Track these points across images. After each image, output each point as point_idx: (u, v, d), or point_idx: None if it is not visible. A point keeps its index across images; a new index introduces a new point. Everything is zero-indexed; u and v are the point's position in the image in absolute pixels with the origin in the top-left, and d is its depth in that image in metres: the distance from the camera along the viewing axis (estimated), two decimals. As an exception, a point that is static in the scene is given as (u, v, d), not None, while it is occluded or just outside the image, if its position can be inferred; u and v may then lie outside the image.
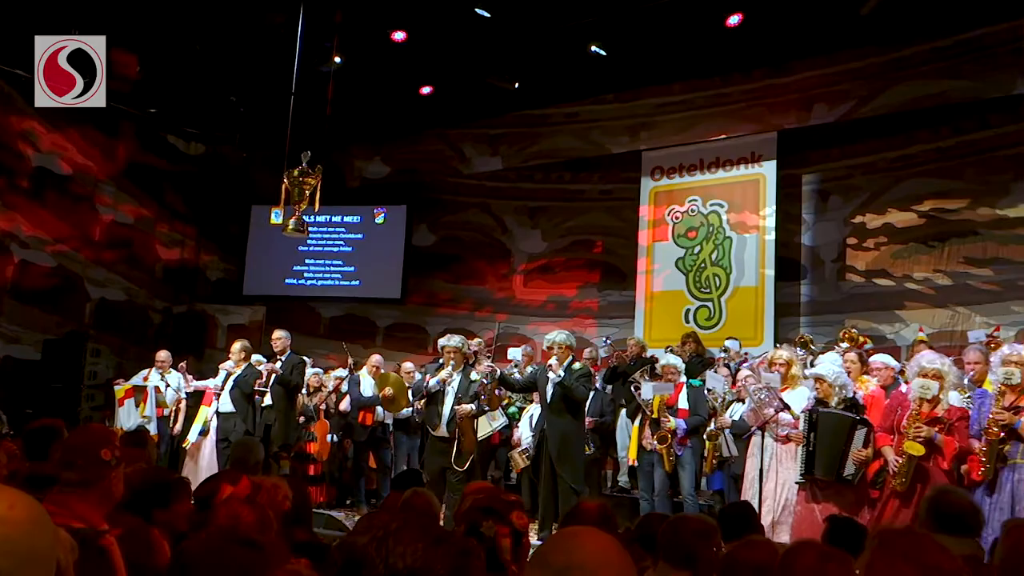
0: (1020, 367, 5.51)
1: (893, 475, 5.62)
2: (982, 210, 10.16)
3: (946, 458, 5.63)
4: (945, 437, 5.59)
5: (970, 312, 9.97)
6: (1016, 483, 5.40)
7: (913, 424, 5.60)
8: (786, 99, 11.10)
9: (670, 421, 7.68)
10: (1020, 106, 9.78)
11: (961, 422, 5.68)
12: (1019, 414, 5.40)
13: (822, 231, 11.48)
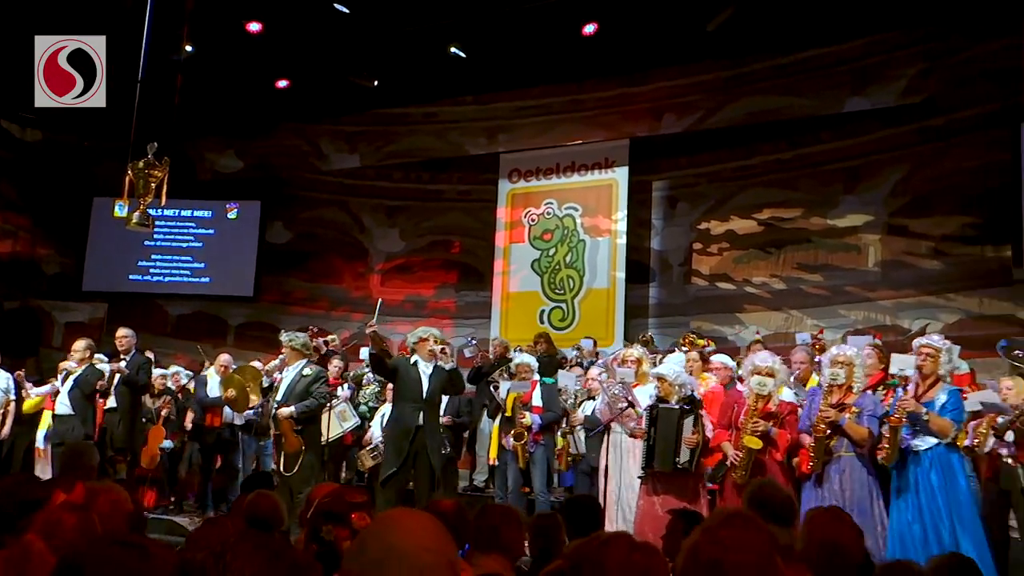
0: (845, 367, 5.92)
1: (733, 468, 5.92)
2: (814, 219, 10.83)
3: (780, 450, 5.98)
4: (779, 430, 5.94)
5: (802, 315, 10.60)
6: (841, 474, 5.79)
7: (750, 419, 5.93)
8: (638, 108, 11.52)
9: (525, 417, 7.82)
10: (849, 123, 10.49)
11: (792, 416, 6.04)
12: (844, 411, 5.79)
13: (670, 236, 11.95)
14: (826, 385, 5.91)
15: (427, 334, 7.29)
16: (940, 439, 5.63)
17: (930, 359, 5.78)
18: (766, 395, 5.99)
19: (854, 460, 5.77)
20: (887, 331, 9.57)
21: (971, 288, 9.57)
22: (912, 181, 10.11)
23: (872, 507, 5.73)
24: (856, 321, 10.16)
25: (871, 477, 5.76)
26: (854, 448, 5.79)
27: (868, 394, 6.02)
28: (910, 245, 10.09)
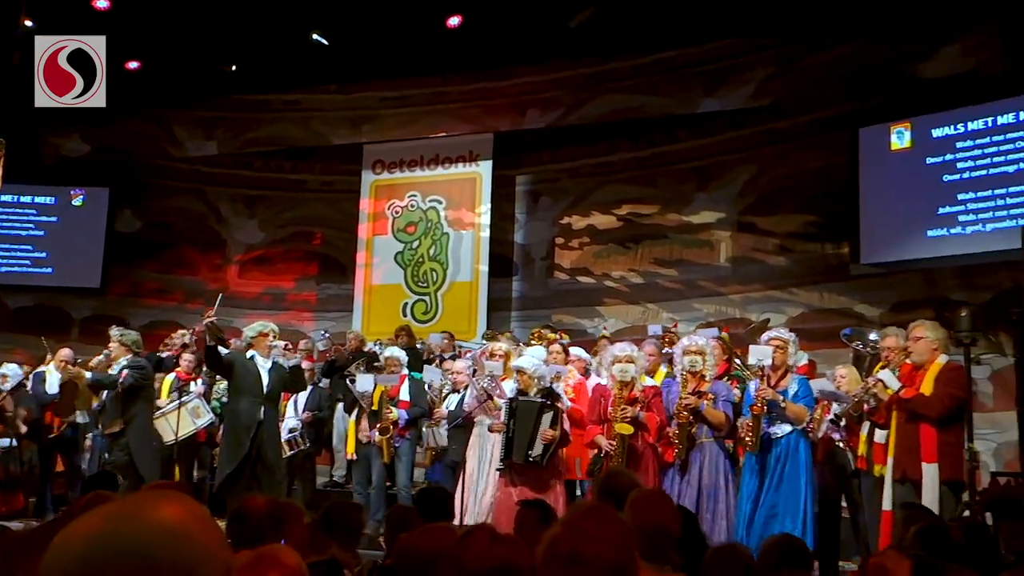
0: (700, 355, 6.16)
1: (609, 458, 6.06)
2: (670, 216, 11.18)
3: (652, 432, 6.16)
4: (647, 414, 6.12)
5: (658, 308, 10.94)
6: (703, 460, 6.03)
7: (619, 407, 6.09)
8: (502, 103, 11.60)
9: (392, 412, 7.78)
10: (703, 124, 10.88)
11: (657, 399, 6.25)
12: (702, 398, 6.03)
13: (533, 230, 12.09)
14: (684, 373, 6.15)
15: (266, 329, 7.15)
16: (795, 425, 5.95)
17: (780, 351, 6.10)
18: (629, 381, 6.17)
19: (713, 445, 6.07)
20: (736, 324, 9.99)
21: (813, 283, 10.10)
22: (760, 181, 10.58)
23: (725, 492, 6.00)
24: (708, 314, 10.56)
25: (726, 462, 6.06)
26: (712, 433, 6.06)
27: (720, 381, 6.31)
28: (758, 242, 10.56)
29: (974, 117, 8.72)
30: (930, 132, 9.00)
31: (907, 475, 5.39)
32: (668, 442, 6.10)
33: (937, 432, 5.30)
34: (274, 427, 7.11)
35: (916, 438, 5.34)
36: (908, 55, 9.45)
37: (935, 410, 5.33)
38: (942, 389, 5.37)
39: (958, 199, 8.74)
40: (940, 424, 5.32)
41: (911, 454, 5.36)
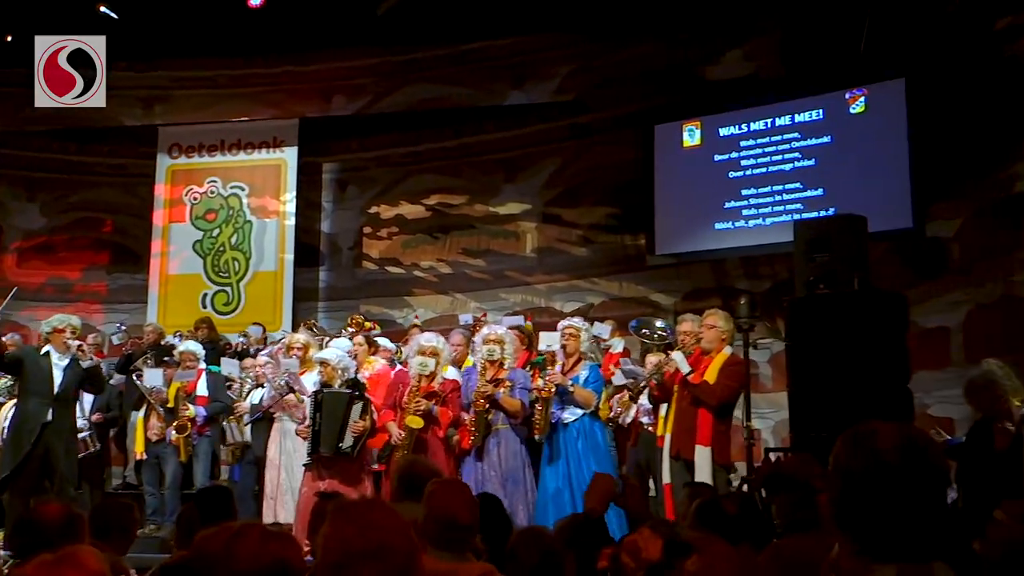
0: (499, 344, 6.29)
1: (397, 448, 6.06)
2: (478, 206, 11.31)
3: (442, 427, 6.22)
4: (441, 408, 6.17)
5: (466, 298, 11.05)
6: (498, 447, 6.16)
7: (413, 399, 6.10)
8: (307, 87, 11.32)
9: (188, 409, 7.45)
10: (510, 116, 11.07)
11: (454, 393, 6.33)
12: (499, 386, 6.16)
13: (340, 219, 11.89)
14: (483, 362, 6.26)
15: (63, 323, 6.69)
16: (584, 410, 6.19)
17: (572, 338, 6.35)
18: (428, 375, 6.20)
19: (509, 432, 6.20)
20: (542, 313, 10.27)
21: (613, 273, 10.52)
22: (564, 174, 10.89)
23: (524, 477, 6.17)
24: (515, 304, 10.77)
25: (523, 448, 6.22)
26: (509, 421, 6.20)
27: (518, 369, 6.46)
28: (562, 233, 10.88)
29: (755, 118, 9.35)
30: (717, 131, 9.57)
31: (681, 454, 5.75)
32: (465, 429, 6.20)
33: (713, 418, 5.68)
34: (65, 429, 6.66)
35: (694, 421, 5.71)
36: (698, 57, 10.00)
37: (715, 398, 5.72)
38: (723, 380, 5.76)
39: (742, 194, 9.35)
40: (717, 412, 5.71)
41: (687, 435, 5.72)
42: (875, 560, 1.46)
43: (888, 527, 1.44)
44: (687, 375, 5.84)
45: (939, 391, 7.54)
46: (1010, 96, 7.59)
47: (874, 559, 1.46)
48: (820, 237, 5.28)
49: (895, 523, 1.44)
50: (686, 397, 5.83)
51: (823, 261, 5.18)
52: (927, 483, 1.48)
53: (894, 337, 4.86)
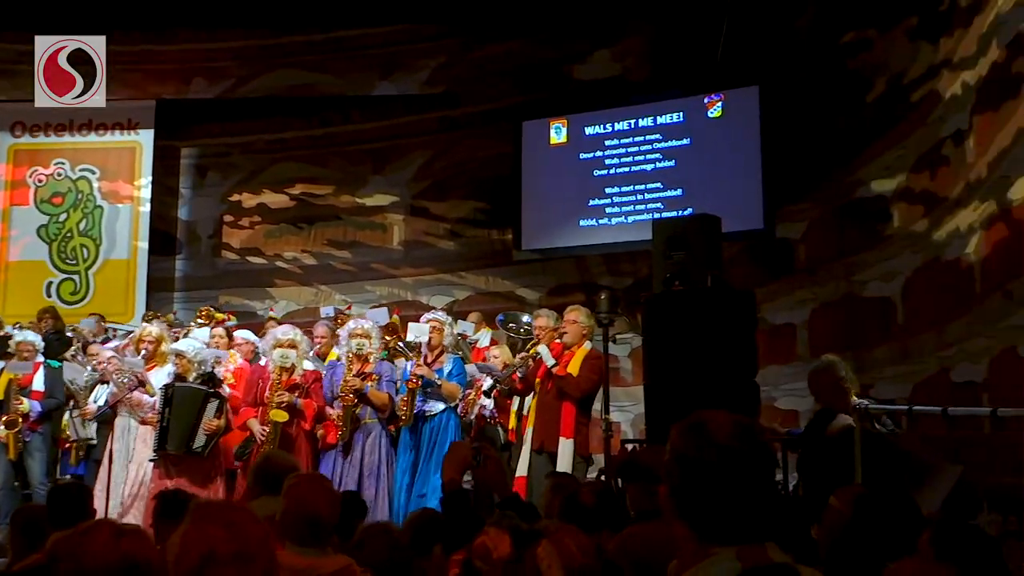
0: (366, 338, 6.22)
1: (262, 444, 5.90)
2: (344, 197, 11.14)
3: (307, 420, 6.10)
4: (304, 400, 6.06)
5: (331, 290, 10.88)
6: (366, 441, 6.10)
7: (275, 393, 5.96)
8: (165, 68, 10.84)
9: (22, 403, 7.01)
10: (379, 106, 10.95)
11: (317, 384, 6.22)
12: (366, 380, 6.09)
13: (199, 206, 11.48)
14: (350, 356, 6.18)
15: None
16: (449, 403, 6.20)
17: (437, 332, 6.34)
18: (289, 367, 6.08)
19: (376, 426, 6.16)
20: (408, 306, 10.20)
21: (480, 267, 10.58)
22: (433, 167, 10.86)
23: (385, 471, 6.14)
24: (381, 296, 10.68)
25: (388, 442, 6.18)
26: (376, 415, 6.15)
27: (384, 363, 6.42)
28: (430, 226, 10.85)
29: (620, 118, 9.58)
30: (583, 129, 9.76)
31: (545, 446, 5.85)
32: (332, 424, 6.11)
33: (576, 411, 5.81)
34: None
35: (558, 413, 5.82)
36: (567, 56, 10.16)
37: (579, 390, 5.85)
38: (585, 373, 5.89)
39: (606, 193, 9.57)
40: (580, 404, 5.84)
41: (551, 427, 5.83)
42: (713, 543, 1.52)
43: (724, 511, 1.50)
44: (552, 367, 5.94)
45: (786, 384, 7.96)
46: (853, 107, 8.06)
47: (712, 542, 1.52)
48: (677, 236, 5.42)
49: (730, 506, 1.50)
50: (550, 391, 5.93)
51: (679, 259, 5.33)
52: (758, 467, 1.55)
53: (743, 333, 5.05)
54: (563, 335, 6.14)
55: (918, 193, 7.10)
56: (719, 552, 1.50)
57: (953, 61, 6.63)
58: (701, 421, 1.58)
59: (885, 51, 7.70)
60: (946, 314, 6.47)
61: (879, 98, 7.77)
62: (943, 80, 6.77)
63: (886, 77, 7.67)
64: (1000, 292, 5.68)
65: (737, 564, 1.47)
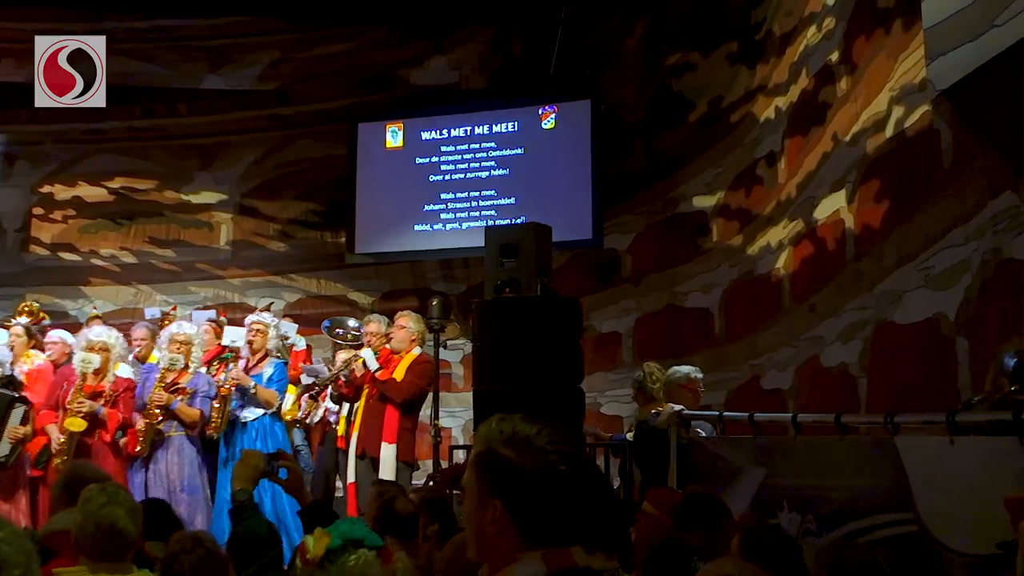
0: (184, 347, 5.96)
1: (56, 453, 5.55)
2: (168, 193, 10.63)
3: (109, 431, 5.77)
4: (109, 410, 5.74)
5: (152, 290, 10.35)
6: (168, 455, 5.83)
7: (76, 399, 5.61)
8: (-33, 48, 10.01)
9: None
10: (207, 100, 10.52)
11: (127, 393, 5.90)
12: (178, 393, 5.83)
13: (6, 197, 10.64)
14: (163, 367, 5.91)
15: None
16: (267, 409, 6.03)
17: (260, 334, 6.17)
18: (94, 372, 5.75)
19: (183, 439, 5.90)
20: (235, 308, 9.85)
21: (312, 270, 10.35)
22: (264, 165, 10.54)
23: (201, 483, 5.90)
24: (207, 298, 10.25)
25: (198, 454, 5.93)
26: (183, 428, 5.89)
27: (202, 374, 6.17)
28: (259, 226, 10.52)
29: (456, 125, 9.63)
30: (420, 134, 9.74)
31: (367, 451, 5.81)
32: (134, 433, 5.82)
33: (399, 416, 5.80)
34: None
35: (381, 419, 5.80)
36: (403, 60, 10.13)
37: (402, 395, 5.84)
38: (410, 377, 5.89)
39: (441, 198, 9.58)
40: (403, 409, 5.83)
41: (373, 433, 5.80)
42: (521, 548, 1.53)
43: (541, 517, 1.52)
44: (375, 372, 5.90)
45: (611, 391, 8.24)
46: (678, 125, 8.46)
47: (521, 547, 1.53)
48: (509, 243, 5.51)
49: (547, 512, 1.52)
50: (375, 395, 5.89)
51: (511, 266, 5.42)
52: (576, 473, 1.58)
53: (569, 340, 5.19)
54: (390, 340, 6.11)
55: (735, 210, 7.54)
56: (525, 556, 1.52)
57: (768, 87, 7.09)
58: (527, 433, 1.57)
59: (707, 74, 8.12)
60: (757, 325, 6.89)
61: (701, 118, 8.19)
62: (758, 104, 7.22)
63: (708, 98, 8.10)
64: (806, 305, 6.10)
65: (543, 567, 1.49)
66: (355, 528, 2.13)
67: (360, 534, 2.09)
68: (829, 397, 5.50)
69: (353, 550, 2.04)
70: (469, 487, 1.60)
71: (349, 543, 2.05)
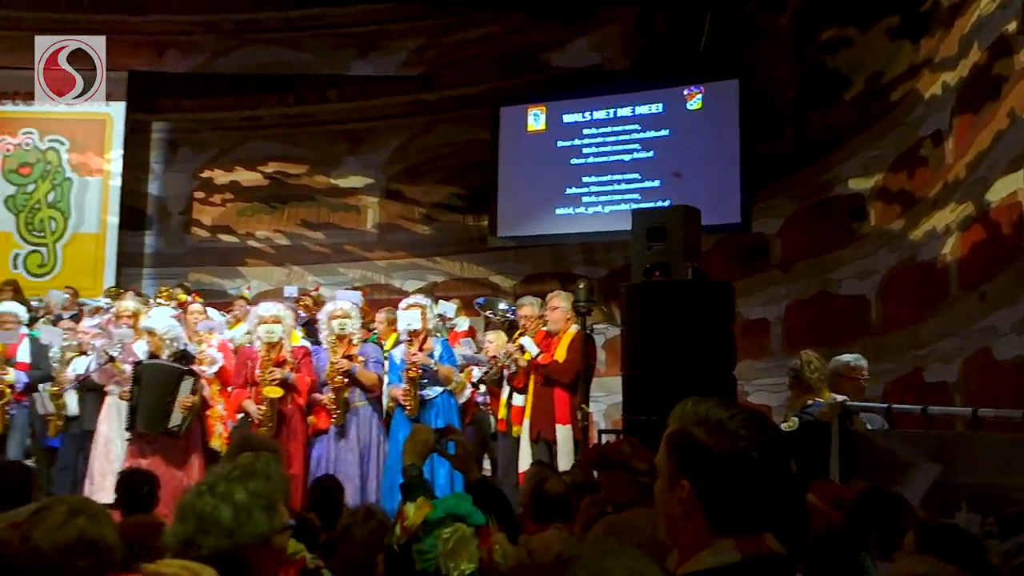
0: (347, 319, 6.13)
1: (259, 423, 5.80)
2: (318, 178, 11.01)
3: (302, 393, 6.01)
4: (297, 375, 5.97)
5: (303, 271, 10.76)
6: (357, 424, 6.03)
7: (267, 370, 5.86)
8: (137, 40, 10.60)
9: (8, 374, 6.88)
10: (354, 86, 10.81)
11: (306, 359, 6.13)
12: (354, 360, 6.02)
13: (170, 182, 11.28)
14: (331, 338, 6.09)
15: None
16: (445, 386, 6.13)
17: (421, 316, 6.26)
18: (276, 343, 5.98)
19: (367, 408, 6.10)
20: (381, 290, 10.13)
21: (454, 253, 10.52)
22: (408, 150, 10.77)
23: (378, 453, 6.08)
24: (354, 279, 10.58)
25: (379, 424, 6.12)
26: (366, 396, 6.08)
27: (368, 344, 6.36)
28: (404, 210, 10.77)
29: (599, 107, 9.55)
30: (562, 117, 9.71)
31: (541, 435, 5.84)
32: (323, 409, 6.04)
33: (569, 396, 5.80)
34: None
35: (551, 401, 5.81)
36: (546, 42, 10.10)
37: (568, 375, 5.85)
38: (574, 355, 5.88)
39: (583, 181, 9.53)
40: (571, 389, 5.83)
41: (546, 416, 5.82)
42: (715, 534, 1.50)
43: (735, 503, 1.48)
44: (536, 357, 5.93)
45: (758, 379, 8.00)
46: (832, 104, 8.09)
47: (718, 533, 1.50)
48: (657, 226, 5.41)
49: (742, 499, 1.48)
50: (540, 379, 5.93)
51: (659, 250, 5.32)
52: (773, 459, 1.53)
53: (721, 325, 5.06)
54: (546, 322, 6.12)
55: (895, 192, 7.15)
56: (717, 542, 1.49)
57: (934, 61, 6.67)
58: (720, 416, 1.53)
59: (865, 49, 7.72)
60: (921, 314, 6.53)
61: (858, 96, 7.80)
62: (923, 80, 6.81)
63: (865, 75, 7.70)
64: (976, 294, 5.73)
65: (736, 554, 1.45)
66: (461, 504, 2.12)
67: (464, 510, 2.08)
68: (1003, 392, 5.15)
69: (451, 523, 2.03)
70: (660, 466, 1.58)
71: (449, 516, 2.04)
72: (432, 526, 2.02)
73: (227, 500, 1.81)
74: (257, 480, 1.89)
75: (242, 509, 1.81)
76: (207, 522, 1.77)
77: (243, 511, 1.81)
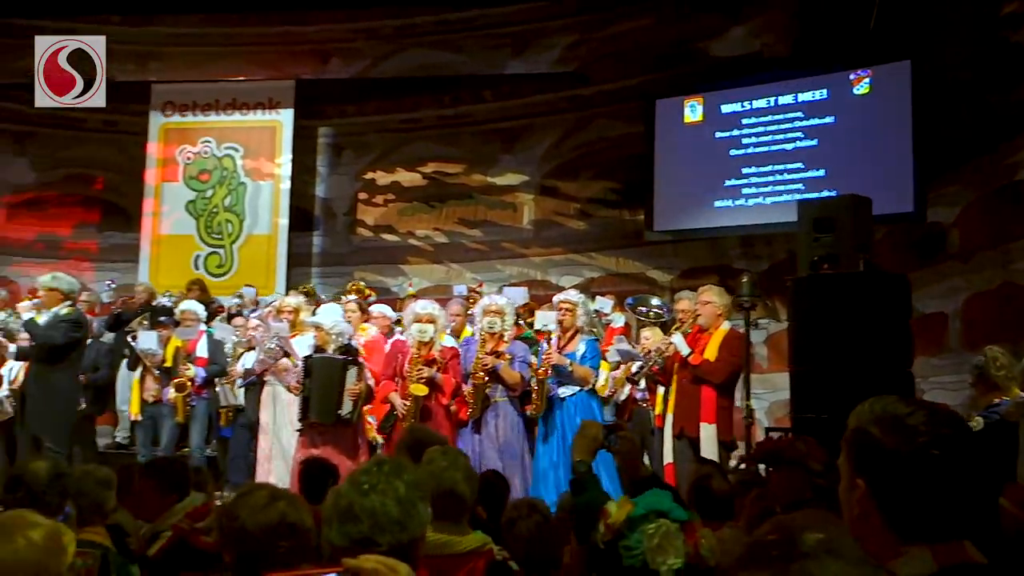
0: (499, 316, 6.22)
1: (403, 417, 5.99)
2: (475, 176, 11.21)
3: (446, 394, 6.17)
4: (443, 375, 6.12)
5: (462, 269, 10.98)
6: (496, 419, 6.12)
7: (415, 367, 6.04)
8: (303, 49, 11.16)
9: (189, 369, 7.40)
10: (509, 85, 10.95)
11: (454, 360, 6.26)
12: (500, 358, 6.10)
13: (335, 184, 11.77)
14: (483, 333, 6.19)
15: None
16: (583, 387, 6.13)
17: (569, 313, 6.27)
18: (428, 342, 6.13)
19: (507, 405, 6.16)
20: (537, 286, 10.21)
21: (610, 248, 10.48)
22: (563, 146, 10.81)
23: (520, 451, 6.13)
24: (511, 276, 10.72)
25: (520, 421, 6.18)
26: (507, 393, 6.15)
27: (517, 342, 6.41)
28: (560, 206, 10.81)
29: (758, 96, 9.25)
30: (719, 107, 9.48)
31: (685, 432, 5.73)
32: (463, 400, 6.15)
33: (716, 395, 5.66)
34: (41, 390, 6.54)
35: (697, 399, 5.69)
36: (701, 32, 9.89)
37: (719, 376, 5.70)
38: (726, 356, 5.73)
39: (743, 172, 9.27)
40: (720, 388, 5.69)
41: (690, 413, 5.70)
42: (906, 542, 1.42)
43: (926, 507, 1.41)
44: (687, 356, 5.82)
45: (935, 377, 7.56)
46: (1013, 84, 7.53)
47: (905, 540, 1.42)
48: (824, 217, 5.20)
49: (934, 503, 1.41)
50: (687, 376, 5.81)
51: (827, 241, 5.11)
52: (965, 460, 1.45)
53: (898, 320, 4.82)
54: (697, 317, 6.00)
55: (1091, 176, 6.59)
56: (910, 551, 1.40)
57: None
58: (897, 412, 1.46)
59: (1055, 22, 7.15)
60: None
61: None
62: (1123, 54, 6.24)
63: (1054, 51, 7.13)
64: None
65: (932, 564, 1.37)
66: (661, 500, 2.09)
67: (665, 506, 2.06)
68: None
69: (654, 519, 2.01)
70: (841, 467, 1.52)
71: (652, 513, 2.02)
72: (636, 523, 2.02)
73: (391, 496, 1.87)
74: (410, 473, 1.95)
75: (406, 502, 1.88)
76: (381, 519, 1.84)
77: (408, 504, 1.88)
